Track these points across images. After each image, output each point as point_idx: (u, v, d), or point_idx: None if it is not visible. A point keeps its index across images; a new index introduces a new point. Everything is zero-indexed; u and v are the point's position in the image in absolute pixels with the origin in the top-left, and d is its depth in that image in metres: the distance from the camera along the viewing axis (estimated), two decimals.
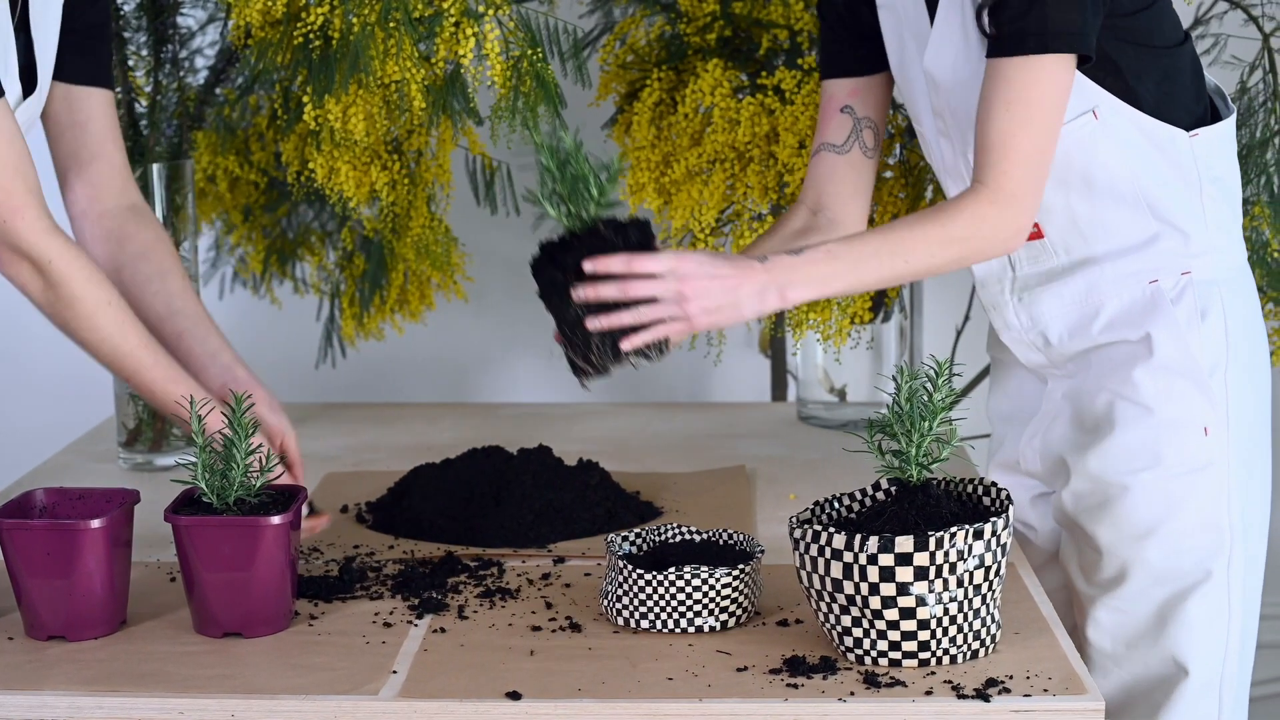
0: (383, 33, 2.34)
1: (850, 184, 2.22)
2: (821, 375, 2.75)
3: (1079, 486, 2.10)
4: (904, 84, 2.17)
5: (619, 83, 2.69)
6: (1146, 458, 2.05)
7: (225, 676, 1.75)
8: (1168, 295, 2.06)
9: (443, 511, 2.21)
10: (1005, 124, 1.93)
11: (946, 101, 2.08)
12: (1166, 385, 2.05)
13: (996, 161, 1.94)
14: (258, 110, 2.81)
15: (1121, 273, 2.08)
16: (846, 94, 2.21)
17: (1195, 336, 2.05)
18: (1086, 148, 2.02)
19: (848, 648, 1.76)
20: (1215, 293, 2.07)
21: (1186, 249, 2.06)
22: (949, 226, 1.95)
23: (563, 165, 1.87)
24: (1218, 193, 2.08)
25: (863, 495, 1.85)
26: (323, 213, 2.91)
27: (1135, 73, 2.01)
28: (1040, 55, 1.92)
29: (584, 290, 1.88)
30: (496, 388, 3.20)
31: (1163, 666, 2.07)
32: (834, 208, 2.22)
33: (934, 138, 2.15)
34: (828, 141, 2.22)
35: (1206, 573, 2.05)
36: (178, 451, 2.52)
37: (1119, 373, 2.07)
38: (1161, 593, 2.06)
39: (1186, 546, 2.05)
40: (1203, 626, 2.05)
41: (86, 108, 2.17)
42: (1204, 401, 2.05)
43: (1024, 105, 1.93)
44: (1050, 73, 1.93)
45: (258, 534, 1.82)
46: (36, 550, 1.83)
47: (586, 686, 1.72)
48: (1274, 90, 2.58)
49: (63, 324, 2.00)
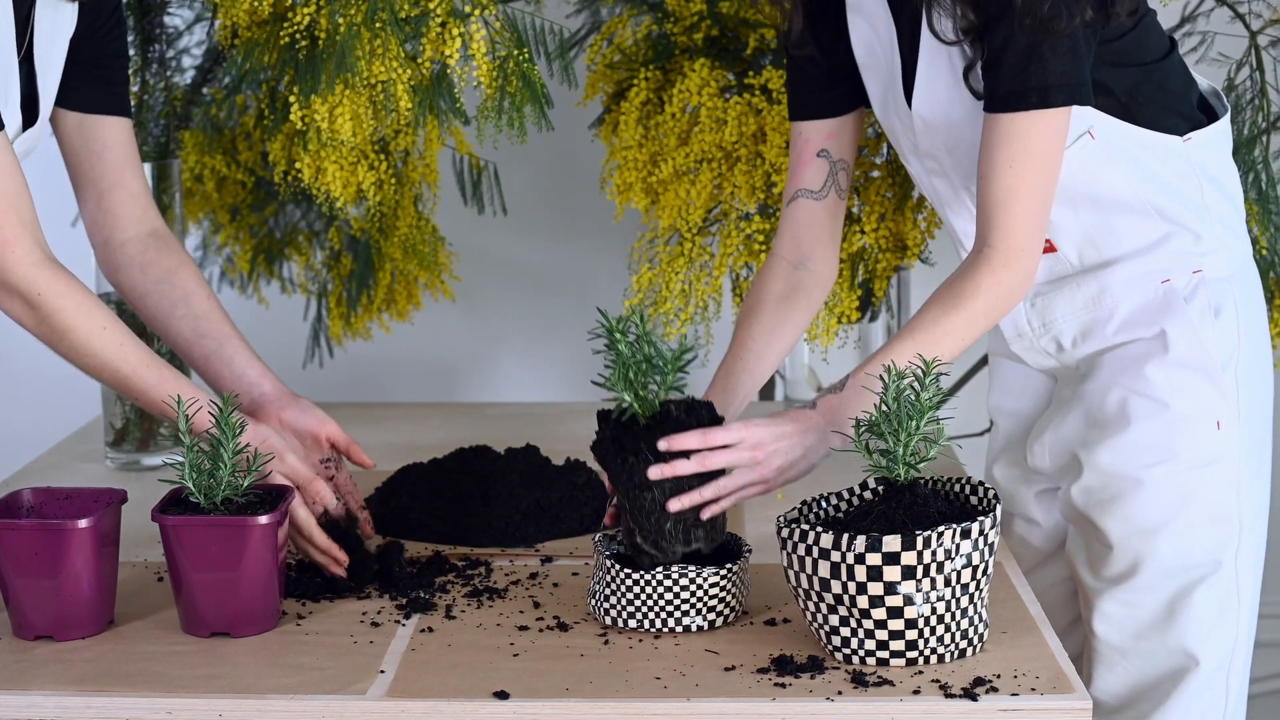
0: (369, 33, 2.33)
1: (828, 230, 2.21)
2: (808, 374, 2.75)
3: (1090, 481, 2.11)
4: (887, 130, 2.17)
5: (606, 82, 2.69)
6: (1160, 452, 2.06)
7: (213, 676, 1.75)
8: (1180, 294, 2.07)
9: (430, 511, 2.20)
10: (1010, 181, 1.94)
11: (943, 141, 2.08)
12: (1180, 380, 2.06)
13: (1002, 220, 1.95)
14: (244, 110, 2.81)
15: (1134, 274, 2.09)
16: (823, 137, 2.19)
17: (1209, 332, 2.06)
18: (1088, 167, 2.03)
19: (835, 647, 1.77)
20: (1227, 289, 2.09)
21: (1197, 247, 2.08)
22: (971, 308, 1.96)
23: (633, 348, 1.88)
24: (1218, 191, 2.10)
25: (850, 495, 1.85)
26: (310, 212, 2.91)
27: (1126, 91, 2.02)
28: (1040, 110, 1.92)
29: (662, 469, 1.88)
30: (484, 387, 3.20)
31: (1171, 658, 2.08)
32: (815, 259, 2.20)
33: (925, 177, 2.15)
34: (805, 188, 2.20)
35: (1216, 564, 2.06)
36: (165, 451, 2.51)
37: (1132, 369, 2.08)
38: (1171, 585, 2.07)
39: (1197, 540, 2.06)
40: (1212, 616, 2.07)
41: (103, 136, 2.17)
42: (1217, 396, 2.06)
43: (1027, 160, 1.94)
44: (1050, 123, 1.94)
45: (245, 534, 1.82)
46: (24, 550, 1.83)
47: (574, 686, 1.72)
48: (1261, 88, 2.59)
49: (63, 354, 1.99)
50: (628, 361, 1.88)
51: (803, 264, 2.20)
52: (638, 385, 1.89)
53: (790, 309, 2.18)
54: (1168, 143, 2.05)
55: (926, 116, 2.06)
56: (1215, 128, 2.10)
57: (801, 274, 2.20)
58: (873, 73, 2.13)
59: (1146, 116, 2.04)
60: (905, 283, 2.71)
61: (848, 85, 2.17)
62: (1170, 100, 2.06)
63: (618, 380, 1.89)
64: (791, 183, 2.21)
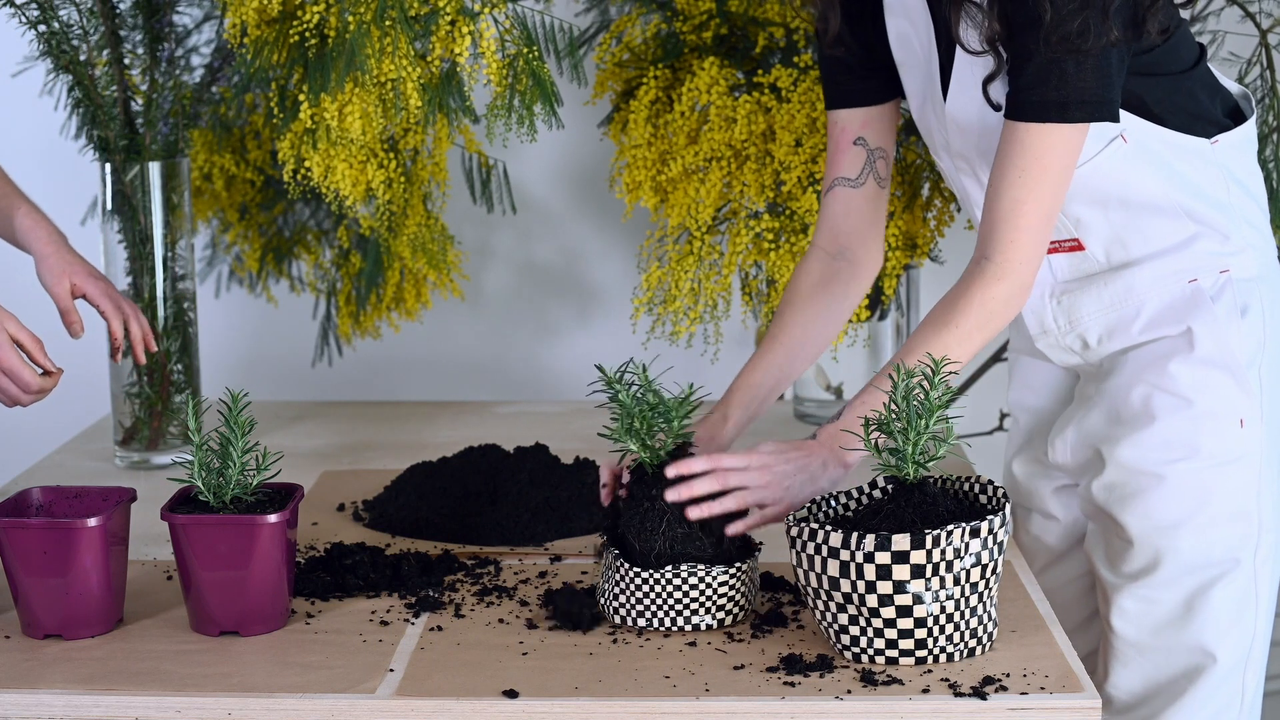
0: (378, 31, 2.33)
1: (867, 218, 2.19)
2: (818, 373, 2.75)
3: (1112, 477, 2.11)
4: (921, 125, 2.17)
5: (615, 81, 2.69)
6: (1184, 448, 2.06)
7: (222, 675, 1.75)
8: (1208, 293, 2.07)
9: (439, 510, 2.21)
10: (1017, 192, 1.94)
11: (975, 144, 2.07)
12: (1205, 377, 2.06)
13: (1004, 233, 1.95)
14: (254, 108, 2.81)
15: (1161, 273, 2.08)
16: (858, 125, 2.18)
17: (1235, 331, 2.06)
18: (1120, 169, 2.03)
19: (844, 646, 1.76)
20: (1254, 289, 2.09)
21: (1224, 248, 2.08)
22: (963, 324, 1.96)
23: (637, 399, 1.88)
24: (1244, 193, 2.10)
25: (859, 493, 1.85)
26: (319, 211, 2.91)
27: (1157, 99, 2.02)
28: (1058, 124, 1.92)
29: (680, 490, 1.89)
30: (493, 386, 3.20)
31: (1188, 655, 2.07)
32: (854, 248, 2.19)
33: (954, 175, 2.15)
34: (842, 176, 2.19)
35: (1235, 561, 2.06)
36: (174, 450, 2.52)
37: (1156, 365, 2.08)
38: (1191, 581, 2.07)
39: (1218, 536, 2.06)
40: (1230, 613, 2.07)
41: None
42: (1241, 394, 2.06)
43: (1037, 172, 1.93)
44: (1066, 138, 1.93)
45: (254, 532, 1.82)
46: (33, 549, 1.83)
47: (583, 685, 1.72)
48: (1271, 87, 2.58)
49: None
50: (631, 412, 1.89)
51: (841, 254, 2.19)
52: (644, 435, 1.89)
53: (827, 299, 2.18)
54: (1198, 145, 2.05)
55: (959, 119, 2.06)
56: (1241, 130, 2.10)
57: (840, 264, 2.19)
58: (910, 70, 2.12)
59: (1175, 122, 2.04)
60: (915, 281, 2.71)
61: (883, 76, 2.17)
62: (1199, 107, 2.06)
63: (623, 431, 1.89)
64: (829, 172, 2.20)
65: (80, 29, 2.44)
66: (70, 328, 2.22)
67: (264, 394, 3.00)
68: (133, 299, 2.47)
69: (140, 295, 2.47)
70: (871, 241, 2.20)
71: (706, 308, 2.58)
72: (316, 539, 2.17)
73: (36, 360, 2.08)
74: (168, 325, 2.49)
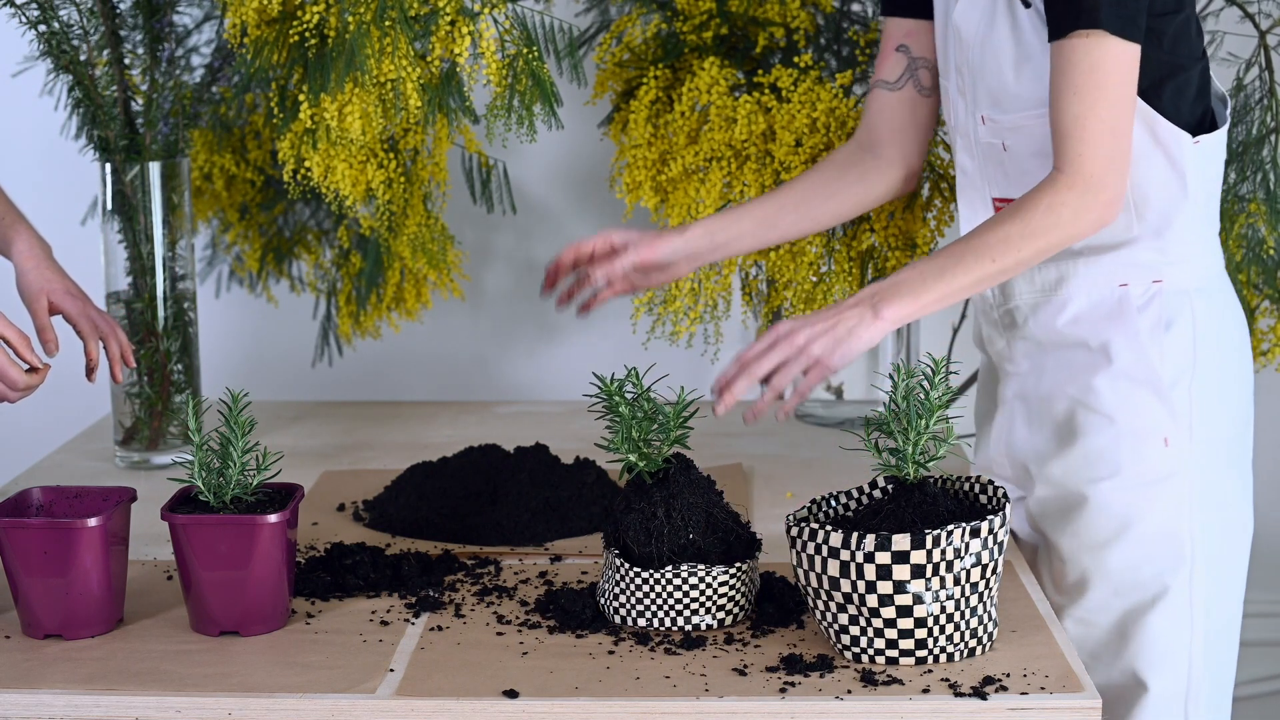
0: (378, 31, 2.34)
1: (900, 120, 2.26)
2: None
3: (1043, 493, 2.11)
4: (939, 36, 2.19)
5: (615, 81, 2.69)
6: (1107, 467, 2.05)
7: (222, 675, 1.75)
8: (1135, 302, 2.06)
9: (439, 510, 2.21)
10: (1076, 109, 1.95)
11: (967, 57, 2.10)
12: (1127, 394, 2.05)
13: (1071, 147, 1.96)
14: (254, 108, 2.81)
15: (1094, 270, 2.08)
16: (903, 33, 2.25)
17: (1156, 347, 2.05)
18: None
19: (845, 646, 1.76)
20: (1185, 302, 2.07)
21: (1161, 258, 2.06)
22: (1029, 220, 1.96)
23: (633, 409, 1.89)
24: (1204, 198, 2.09)
25: (859, 493, 1.85)
26: (319, 211, 2.91)
27: (1153, 76, 2.01)
28: (1101, 37, 1.93)
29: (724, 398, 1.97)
30: (493, 386, 3.20)
31: (1124, 680, 2.06)
32: (884, 145, 2.26)
33: (955, 94, 2.16)
34: (882, 79, 2.27)
35: (1164, 587, 2.04)
36: (174, 450, 2.52)
37: (1079, 379, 2.07)
38: (1121, 604, 2.05)
39: (1145, 557, 2.04)
40: (1163, 642, 2.04)
41: None
42: (1165, 412, 2.04)
43: (1092, 89, 1.94)
44: (1113, 53, 1.94)
45: (254, 532, 1.82)
46: (33, 549, 1.83)
47: (584, 685, 1.72)
48: (1270, 87, 2.58)
49: None
50: (629, 422, 1.89)
51: (871, 148, 2.27)
52: (641, 444, 1.89)
53: (838, 176, 2.25)
54: (1178, 137, 2.03)
55: (962, 30, 2.10)
56: (1220, 134, 2.09)
57: (868, 157, 2.27)
58: None
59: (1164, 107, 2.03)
60: None
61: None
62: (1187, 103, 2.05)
63: (621, 442, 1.89)
64: (875, 75, 2.29)
65: (80, 29, 2.44)
66: (45, 346, 2.20)
67: (264, 394, 3.00)
68: (133, 299, 2.47)
69: (140, 295, 2.47)
70: (906, 144, 2.27)
71: (706, 308, 2.58)
72: (316, 539, 2.17)
73: (23, 356, 2.07)
74: (168, 325, 2.49)
